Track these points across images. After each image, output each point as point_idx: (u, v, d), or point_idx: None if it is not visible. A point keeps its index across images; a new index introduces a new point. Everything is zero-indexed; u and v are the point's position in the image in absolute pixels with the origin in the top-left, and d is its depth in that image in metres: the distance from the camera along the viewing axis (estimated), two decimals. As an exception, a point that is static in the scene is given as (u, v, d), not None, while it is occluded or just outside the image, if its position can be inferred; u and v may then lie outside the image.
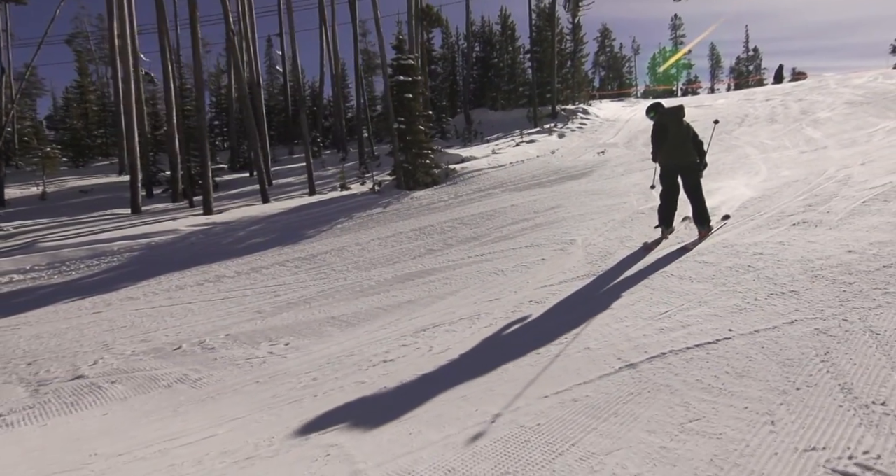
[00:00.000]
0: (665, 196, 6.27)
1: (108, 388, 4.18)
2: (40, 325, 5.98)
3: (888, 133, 11.70)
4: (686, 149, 6.07)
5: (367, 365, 4.13)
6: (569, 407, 3.01)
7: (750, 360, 3.20)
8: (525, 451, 2.59)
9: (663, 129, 6.07)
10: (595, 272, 5.79)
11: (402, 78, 12.01)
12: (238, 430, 3.22)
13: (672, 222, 6.39)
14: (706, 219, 6.01)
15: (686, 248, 5.75)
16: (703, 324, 3.89)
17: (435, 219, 9.69)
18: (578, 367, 3.55)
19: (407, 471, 2.54)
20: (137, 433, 3.35)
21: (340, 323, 5.29)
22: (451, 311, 5.23)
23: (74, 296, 7.02)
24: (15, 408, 3.95)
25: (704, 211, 6.01)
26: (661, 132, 6.07)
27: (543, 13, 23.75)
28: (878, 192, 6.71)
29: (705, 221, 6.01)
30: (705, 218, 6.01)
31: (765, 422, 2.52)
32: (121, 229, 10.25)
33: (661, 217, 6.36)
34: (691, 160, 6.07)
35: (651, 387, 3.09)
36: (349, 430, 3.08)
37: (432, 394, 3.47)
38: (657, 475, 2.24)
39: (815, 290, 4.08)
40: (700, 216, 6.01)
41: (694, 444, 2.44)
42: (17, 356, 5.06)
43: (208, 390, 4.00)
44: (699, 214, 6.01)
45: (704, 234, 6.02)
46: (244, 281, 7.18)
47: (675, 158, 6.08)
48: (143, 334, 5.41)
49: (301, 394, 3.71)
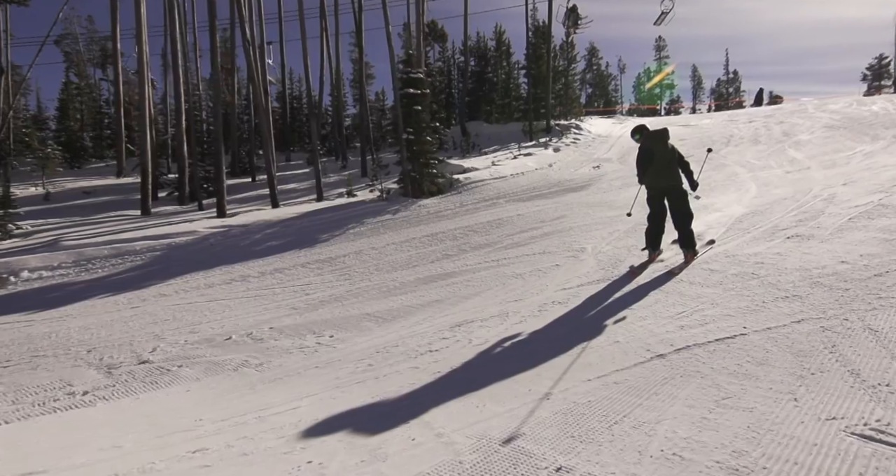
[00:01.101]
0: (652, 219, 6.28)
1: (178, 371, 4.50)
2: (83, 317, 6.23)
3: (865, 156, 12.47)
4: (672, 171, 6.10)
5: (415, 354, 4.51)
6: (612, 388, 3.44)
7: (766, 351, 3.67)
8: (584, 421, 3.00)
9: (648, 152, 6.11)
10: (608, 277, 6.25)
11: (412, 91, 12.49)
12: (318, 404, 3.57)
13: (659, 245, 6.43)
14: (692, 243, 6.08)
15: (672, 272, 5.80)
16: (719, 322, 4.37)
17: (445, 226, 10.10)
18: (612, 356, 3.98)
19: (484, 435, 2.93)
20: (228, 405, 3.69)
21: (376, 319, 5.66)
22: (480, 310, 5.64)
23: (106, 292, 7.25)
24: (97, 386, 4.24)
25: (690, 235, 6.06)
26: (647, 155, 6.11)
27: (539, 31, 24.50)
28: (862, 211, 7.31)
29: (691, 246, 6.07)
30: (691, 242, 6.07)
31: (788, 399, 2.98)
32: (140, 230, 10.46)
33: (649, 240, 6.37)
34: (677, 183, 6.10)
35: (682, 373, 3.53)
36: (419, 403, 3.46)
37: (483, 377, 3.87)
38: (704, 438, 2.67)
39: (815, 295, 4.59)
40: (686, 240, 6.05)
41: (731, 415, 2.88)
42: (73, 344, 5.32)
43: (274, 374, 4.34)
44: (685, 239, 6.05)
45: (690, 258, 6.05)
46: (270, 280, 7.50)
47: (662, 181, 6.10)
48: (188, 327, 5.71)
49: (363, 376, 4.08)
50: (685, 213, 6.05)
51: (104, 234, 10.29)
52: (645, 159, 6.11)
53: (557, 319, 5.14)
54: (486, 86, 28.22)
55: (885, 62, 43.98)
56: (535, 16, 25.36)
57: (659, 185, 6.13)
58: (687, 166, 6.24)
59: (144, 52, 14.38)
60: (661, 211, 6.19)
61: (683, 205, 6.06)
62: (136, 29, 14.43)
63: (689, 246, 6.06)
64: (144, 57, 14.43)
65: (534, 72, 23.64)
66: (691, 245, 6.07)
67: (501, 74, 28.47)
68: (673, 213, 6.12)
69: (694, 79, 56.15)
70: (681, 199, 6.07)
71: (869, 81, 44.91)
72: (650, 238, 6.34)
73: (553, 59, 24.06)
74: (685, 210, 6.05)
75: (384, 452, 2.79)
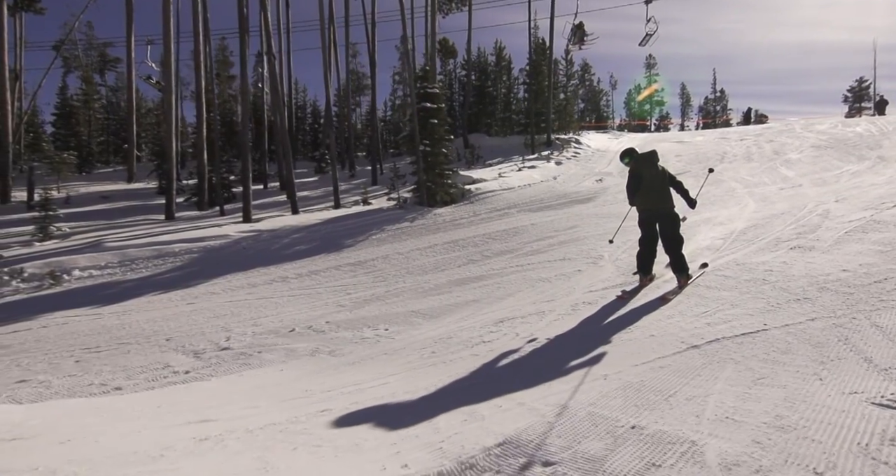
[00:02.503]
0: (644, 242, 6.26)
1: (260, 356, 4.96)
2: (146, 312, 6.65)
3: (852, 175, 13.26)
4: (663, 194, 6.08)
5: (471, 344, 5.03)
6: (659, 371, 3.98)
7: (788, 343, 4.24)
8: (642, 395, 3.53)
9: (637, 176, 6.09)
10: (630, 282, 6.81)
11: (429, 105, 13.09)
12: (404, 381, 4.07)
13: (651, 269, 6.38)
14: (685, 268, 6.02)
15: (665, 298, 5.73)
16: (741, 320, 4.94)
17: (463, 234, 10.64)
18: (652, 347, 4.53)
19: (560, 404, 3.44)
20: (325, 381, 4.17)
21: (422, 315, 6.16)
22: (518, 309, 6.17)
23: (157, 290, 7.67)
24: (194, 367, 4.70)
25: (682, 260, 6.02)
26: (636, 179, 6.09)
27: (539, 48, 25.34)
28: (856, 225, 7.98)
29: (684, 270, 6.01)
30: (683, 267, 6.02)
31: (815, 378, 3.54)
32: (174, 233, 10.87)
33: (640, 264, 6.33)
34: (668, 206, 6.08)
35: (718, 359, 4.09)
36: (492, 381, 3.98)
37: (541, 362, 4.40)
38: (749, 406, 3.21)
39: (824, 298, 5.19)
40: (678, 265, 6.02)
41: (768, 391, 3.43)
42: (149, 334, 5.76)
43: (349, 359, 4.83)
44: (676, 263, 6.03)
45: (683, 283, 5.98)
46: (308, 281, 7.97)
47: (652, 204, 6.08)
48: (249, 320, 6.17)
49: (431, 361, 4.58)
50: (675, 237, 6.04)
51: (140, 236, 10.69)
52: (634, 183, 6.10)
53: (590, 317, 5.68)
54: (486, 99, 29.01)
55: (865, 85, 45.64)
56: (537, 33, 26.22)
57: (649, 208, 6.12)
58: (680, 185, 6.27)
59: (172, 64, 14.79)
60: (653, 234, 6.17)
61: (673, 229, 6.05)
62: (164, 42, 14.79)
63: (681, 270, 6.02)
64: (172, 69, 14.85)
65: (534, 87, 24.43)
66: (683, 269, 6.02)
67: (501, 89, 29.28)
68: (662, 237, 6.11)
69: (682, 96, 57.55)
70: (671, 223, 6.06)
71: (850, 103, 46.51)
72: (641, 262, 6.31)
73: (552, 75, 24.90)
74: (675, 234, 6.04)
75: (480, 414, 3.31)
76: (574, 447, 2.81)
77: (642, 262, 6.29)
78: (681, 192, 6.24)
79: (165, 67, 15.19)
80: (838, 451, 2.61)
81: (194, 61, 15.99)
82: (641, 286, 6.28)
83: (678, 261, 5.99)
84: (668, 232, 6.04)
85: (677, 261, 6.00)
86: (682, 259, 6.01)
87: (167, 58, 14.79)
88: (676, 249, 6.01)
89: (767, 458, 2.57)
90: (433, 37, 18.41)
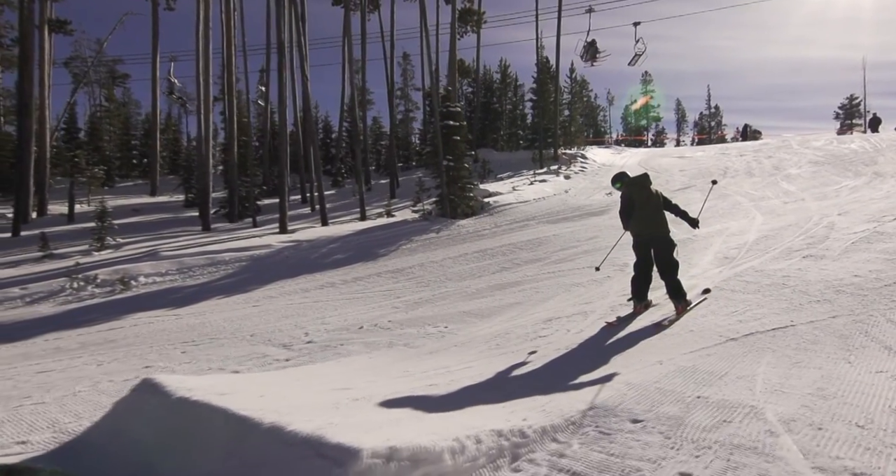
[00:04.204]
0: (638, 267, 6.08)
1: (344, 348, 5.53)
2: (219, 312, 7.22)
3: (851, 190, 14.02)
4: (656, 220, 5.93)
5: (529, 338, 5.62)
6: (706, 358, 4.58)
7: (816, 336, 4.86)
8: (698, 375, 4.13)
9: (629, 201, 5.97)
10: (659, 286, 7.44)
11: (451, 122, 13.84)
12: (483, 365, 4.65)
13: (646, 296, 6.20)
14: (681, 294, 5.83)
15: (661, 325, 5.56)
16: (769, 318, 5.55)
17: (490, 244, 11.27)
18: (694, 340, 5.13)
19: (629, 382, 4.03)
20: (417, 364, 4.76)
21: (474, 316, 6.75)
22: (560, 310, 6.77)
23: (219, 294, 8.25)
24: (290, 356, 5.27)
25: (678, 286, 5.82)
26: (628, 203, 5.98)
27: (545, 66, 26.28)
28: (861, 237, 8.66)
29: (680, 296, 5.82)
30: (680, 293, 5.82)
31: (844, 362, 4.15)
32: (219, 243, 11.49)
33: (634, 290, 6.12)
34: (662, 231, 5.92)
35: (756, 349, 4.70)
36: (560, 364, 4.58)
37: (595, 352, 4.99)
38: (792, 382, 3.81)
39: (841, 299, 5.82)
40: (674, 291, 5.82)
41: (805, 371, 4.04)
42: (233, 330, 6.32)
43: (425, 350, 5.40)
44: (672, 289, 5.83)
45: (681, 310, 5.78)
46: (356, 287, 8.55)
47: (645, 229, 5.95)
48: (317, 320, 6.74)
49: (500, 351, 5.17)
50: (670, 262, 5.87)
51: (188, 246, 11.29)
52: (627, 208, 6.00)
53: (629, 317, 6.28)
54: (492, 115, 29.93)
55: (856, 102, 47.00)
56: (542, 52, 27.17)
57: (642, 232, 5.98)
58: (677, 208, 6.16)
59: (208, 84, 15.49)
60: (648, 258, 6.00)
61: (668, 254, 5.90)
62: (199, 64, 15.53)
63: (677, 297, 5.80)
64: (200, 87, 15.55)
65: (541, 104, 25.33)
66: (680, 296, 5.81)
67: (507, 105, 30.22)
68: (657, 262, 5.94)
69: (678, 112, 58.59)
70: (666, 247, 5.92)
71: (841, 119, 47.82)
72: (635, 288, 6.10)
73: (558, 92, 25.81)
74: (669, 259, 5.88)
75: (561, 389, 3.90)
76: (654, 410, 3.41)
77: (637, 288, 6.10)
78: (679, 214, 6.15)
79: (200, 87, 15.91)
80: (873, 411, 3.22)
81: (225, 82, 16.72)
82: (635, 313, 6.06)
83: (674, 287, 5.80)
84: (662, 256, 5.87)
85: (673, 287, 5.80)
86: (679, 285, 5.82)
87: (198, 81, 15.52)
88: (672, 275, 5.81)
89: (817, 416, 3.18)
90: (454, 59, 19.28)
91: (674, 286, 5.80)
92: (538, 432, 3.02)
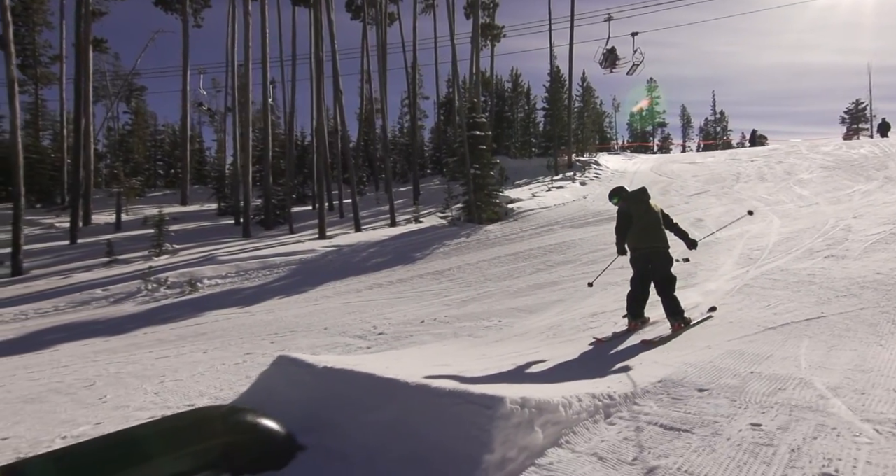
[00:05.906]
0: (635, 282, 5.89)
1: (414, 337, 6.10)
2: (284, 310, 7.79)
3: (864, 194, 14.52)
4: (656, 233, 5.78)
5: (581, 329, 6.16)
6: (751, 344, 5.10)
7: (847, 325, 5.38)
8: (746, 357, 4.65)
9: (627, 216, 5.77)
10: (690, 284, 7.97)
11: (478, 132, 14.48)
12: (549, 351, 5.18)
13: (642, 313, 6.02)
14: (678, 312, 5.64)
15: (651, 341, 5.35)
16: (801, 310, 6.07)
17: (520, 247, 11.82)
18: (735, 329, 5.65)
19: (686, 362, 4.54)
20: (489, 349, 5.29)
21: (522, 311, 7.29)
22: (603, 306, 7.30)
23: (278, 294, 8.84)
24: (370, 345, 5.82)
25: (675, 302, 5.64)
26: (626, 219, 5.77)
27: (557, 75, 26.94)
28: (878, 238, 9.17)
29: (677, 314, 5.63)
30: (677, 311, 5.64)
31: (876, 345, 4.67)
32: (265, 248, 12.14)
33: (630, 306, 5.95)
34: (662, 245, 5.75)
35: (794, 335, 5.22)
36: (618, 349, 5.11)
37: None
38: (832, 360, 4.34)
39: (866, 294, 6.34)
40: (671, 308, 5.64)
41: (842, 353, 4.56)
42: (306, 325, 6.90)
43: (489, 339, 5.94)
44: (669, 306, 5.65)
45: (677, 328, 5.60)
46: (402, 287, 9.11)
47: (644, 244, 5.78)
48: (378, 315, 7.30)
49: (559, 339, 5.71)
50: (667, 278, 5.70)
51: (239, 251, 11.91)
52: (625, 223, 5.78)
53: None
54: (504, 123, 30.62)
55: (862, 107, 47.48)
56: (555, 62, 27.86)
57: (641, 247, 5.79)
58: (677, 226, 6.07)
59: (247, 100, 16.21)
60: (646, 273, 5.81)
61: (666, 269, 5.73)
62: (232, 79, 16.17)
63: (674, 314, 5.62)
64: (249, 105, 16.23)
65: (553, 112, 25.98)
66: (677, 313, 5.62)
67: (519, 113, 30.91)
68: (654, 277, 5.76)
69: (683, 117, 59.07)
70: (664, 262, 5.75)
71: (847, 124, 48.25)
72: (632, 304, 5.93)
73: (571, 100, 26.45)
74: (667, 275, 5.72)
75: (628, 367, 4.44)
76: (716, 382, 3.94)
77: (633, 305, 5.93)
78: (678, 233, 6.06)
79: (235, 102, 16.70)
80: (908, 381, 3.75)
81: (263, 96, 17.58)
82: (630, 330, 5.90)
83: (671, 303, 5.64)
84: (660, 272, 5.71)
85: (670, 304, 5.64)
86: (676, 302, 5.64)
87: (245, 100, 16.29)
88: (669, 291, 5.65)
89: (859, 385, 3.70)
90: (478, 72, 20.01)
91: (671, 303, 5.63)
92: (622, 396, 3.57)
